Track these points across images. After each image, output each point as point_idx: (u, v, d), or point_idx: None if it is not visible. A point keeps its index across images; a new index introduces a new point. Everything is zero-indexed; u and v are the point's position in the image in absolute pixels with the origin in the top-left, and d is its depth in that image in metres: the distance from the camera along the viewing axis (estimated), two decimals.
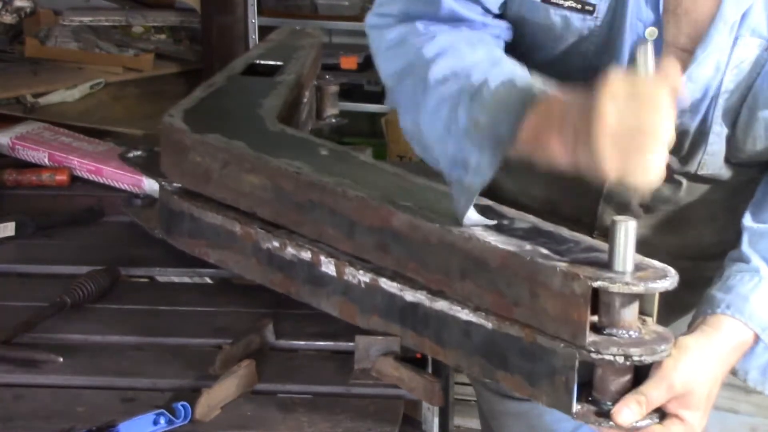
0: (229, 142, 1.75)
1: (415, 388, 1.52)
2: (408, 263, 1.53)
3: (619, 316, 1.35)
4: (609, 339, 1.34)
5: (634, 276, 1.33)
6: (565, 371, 1.37)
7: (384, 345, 1.56)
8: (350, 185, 1.60)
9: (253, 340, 1.63)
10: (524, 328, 1.41)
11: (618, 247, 1.33)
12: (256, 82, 2.12)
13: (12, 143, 2.41)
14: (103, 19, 4.87)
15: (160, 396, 1.52)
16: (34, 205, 2.18)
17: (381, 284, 1.57)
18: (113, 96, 4.41)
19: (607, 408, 1.36)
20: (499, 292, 1.43)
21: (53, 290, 1.77)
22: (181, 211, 1.83)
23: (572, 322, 1.35)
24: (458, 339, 1.49)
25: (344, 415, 1.48)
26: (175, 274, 1.93)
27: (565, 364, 1.36)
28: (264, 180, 1.69)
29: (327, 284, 1.64)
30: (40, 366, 1.59)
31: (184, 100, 1.96)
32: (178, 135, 1.81)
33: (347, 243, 1.61)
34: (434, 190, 1.60)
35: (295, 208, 1.66)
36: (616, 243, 1.33)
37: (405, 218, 1.52)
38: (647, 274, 1.34)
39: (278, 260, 1.69)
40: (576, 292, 1.33)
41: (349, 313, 1.63)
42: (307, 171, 1.65)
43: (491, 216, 1.50)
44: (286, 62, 2.27)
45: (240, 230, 1.73)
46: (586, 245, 1.43)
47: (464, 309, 1.48)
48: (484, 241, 1.43)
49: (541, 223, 1.50)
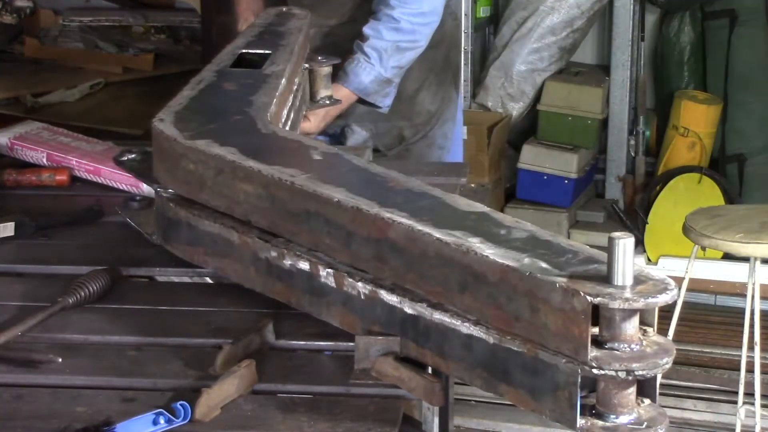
0: (221, 148, 1.73)
1: (415, 388, 1.52)
2: (406, 275, 1.52)
3: (620, 330, 1.34)
4: (611, 354, 1.33)
5: (634, 290, 1.32)
6: (568, 387, 1.36)
7: (384, 345, 1.56)
8: (345, 194, 1.58)
9: (253, 340, 1.62)
10: (525, 343, 1.40)
11: (617, 263, 1.33)
12: (245, 76, 2.09)
13: (11, 143, 2.41)
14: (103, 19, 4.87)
15: (160, 396, 1.51)
16: (34, 205, 2.18)
17: (381, 296, 1.56)
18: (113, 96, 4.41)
19: (613, 421, 1.36)
20: (498, 306, 1.41)
21: (53, 290, 1.77)
22: (177, 218, 1.81)
23: (573, 338, 1.34)
24: (460, 352, 1.48)
25: (344, 415, 1.48)
26: (175, 274, 1.92)
27: (568, 379, 1.35)
28: (258, 188, 1.67)
29: (327, 294, 1.63)
30: (39, 366, 1.59)
31: (173, 100, 1.93)
32: (168, 142, 1.79)
33: (344, 253, 1.59)
34: (430, 196, 1.59)
35: (291, 217, 1.64)
36: (615, 260, 1.33)
37: (402, 230, 1.50)
38: (647, 288, 1.33)
39: (277, 270, 1.68)
40: (576, 308, 1.32)
41: (349, 323, 1.62)
42: (300, 179, 1.63)
43: (487, 224, 1.50)
44: (274, 50, 2.24)
45: (237, 239, 1.72)
46: (585, 256, 1.41)
47: (465, 322, 1.46)
48: (482, 255, 1.42)
49: (539, 232, 1.49)
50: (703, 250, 3.56)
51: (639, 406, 1.38)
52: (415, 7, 2.75)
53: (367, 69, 2.77)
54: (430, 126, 3.04)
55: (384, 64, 2.76)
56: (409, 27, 2.75)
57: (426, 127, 3.03)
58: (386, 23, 2.75)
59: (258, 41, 2.32)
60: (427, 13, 2.78)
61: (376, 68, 2.77)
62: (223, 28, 4.30)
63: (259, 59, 2.19)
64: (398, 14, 2.75)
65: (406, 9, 2.75)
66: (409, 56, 2.80)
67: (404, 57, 2.79)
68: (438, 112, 3.04)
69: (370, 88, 2.79)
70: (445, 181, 2.28)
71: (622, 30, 5.12)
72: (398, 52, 2.77)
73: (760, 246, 3.40)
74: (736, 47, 5.04)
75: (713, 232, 3.45)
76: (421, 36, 2.80)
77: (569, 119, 5.07)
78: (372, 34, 2.76)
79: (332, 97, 2.65)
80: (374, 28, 2.77)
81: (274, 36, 2.36)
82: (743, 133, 5.07)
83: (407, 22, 2.75)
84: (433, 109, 3.04)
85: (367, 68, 2.77)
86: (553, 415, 1.39)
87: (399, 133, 3.00)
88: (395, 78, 2.82)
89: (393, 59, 2.77)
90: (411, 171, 2.10)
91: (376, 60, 2.76)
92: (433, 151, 3.04)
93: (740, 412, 3.60)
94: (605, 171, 5.30)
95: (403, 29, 2.75)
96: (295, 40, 2.34)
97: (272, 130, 1.84)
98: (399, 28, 2.75)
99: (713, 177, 4.96)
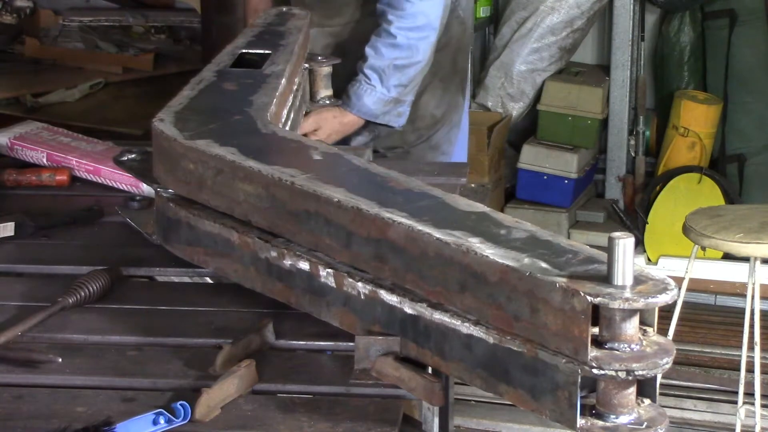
0: (221, 148, 1.73)
1: (415, 388, 1.52)
2: (406, 275, 1.52)
3: (620, 330, 1.34)
4: (611, 354, 1.34)
5: (634, 291, 1.32)
6: (568, 387, 1.36)
7: (384, 345, 1.56)
8: (345, 194, 1.58)
9: (253, 340, 1.62)
10: (525, 343, 1.40)
11: (617, 263, 1.33)
12: (245, 76, 2.09)
13: (11, 143, 2.41)
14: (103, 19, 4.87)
15: (160, 396, 1.51)
16: (34, 205, 2.18)
17: (380, 296, 1.56)
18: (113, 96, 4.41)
19: (612, 421, 1.36)
20: (498, 306, 1.41)
21: (53, 290, 1.77)
22: (177, 218, 1.81)
23: (573, 338, 1.34)
24: (460, 352, 1.48)
25: (344, 415, 1.48)
26: (175, 274, 1.92)
27: (568, 379, 1.35)
28: (258, 188, 1.67)
29: (326, 294, 1.63)
30: (39, 366, 1.59)
31: (173, 100, 1.93)
32: (168, 142, 1.79)
33: (344, 253, 1.59)
34: (430, 196, 1.59)
35: (291, 217, 1.64)
36: (615, 260, 1.33)
37: (401, 230, 1.50)
38: (647, 288, 1.33)
39: (277, 270, 1.68)
40: (576, 308, 1.32)
41: (349, 323, 1.62)
42: (300, 179, 1.63)
43: (487, 224, 1.50)
44: (274, 50, 2.24)
45: (237, 239, 1.72)
46: (585, 256, 1.41)
47: (465, 322, 1.46)
48: (482, 255, 1.42)
49: (539, 232, 1.49)
50: (703, 250, 3.56)
51: (639, 406, 1.38)
52: (409, 22, 2.73)
53: (368, 91, 2.74)
54: (434, 130, 3.01)
55: (386, 84, 2.74)
56: (405, 42, 2.73)
57: (429, 131, 3.01)
58: (384, 39, 2.73)
59: (258, 41, 2.32)
60: (422, 26, 2.75)
61: (377, 89, 2.74)
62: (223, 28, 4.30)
63: (259, 59, 2.19)
64: (395, 29, 2.72)
65: (402, 23, 2.72)
66: (410, 73, 2.76)
67: (405, 74, 2.76)
68: (444, 117, 3.02)
69: (376, 109, 2.76)
70: (445, 181, 2.28)
71: (622, 30, 5.12)
72: (397, 70, 2.74)
73: (760, 246, 3.40)
74: (736, 47, 5.04)
75: (713, 232, 3.45)
76: (418, 51, 2.75)
77: (569, 119, 5.07)
78: (371, 53, 2.74)
79: (332, 97, 2.65)
80: (373, 46, 2.74)
81: (274, 36, 2.36)
82: (743, 133, 5.07)
83: (404, 38, 2.73)
84: (439, 114, 3.01)
85: (369, 90, 2.74)
86: (553, 415, 1.39)
87: (401, 137, 2.97)
88: (404, 96, 2.79)
89: (393, 78, 2.74)
90: (411, 171, 2.11)
91: (376, 81, 2.73)
92: (437, 156, 3.02)
93: (740, 412, 3.60)
94: (605, 171, 5.30)
95: (400, 45, 2.73)
96: (295, 40, 2.34)
97: (272, 130, 1.84)
98: (396, 44, 2.73)
99: (713, 177, 4.96)
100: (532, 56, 5.09)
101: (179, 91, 1.98)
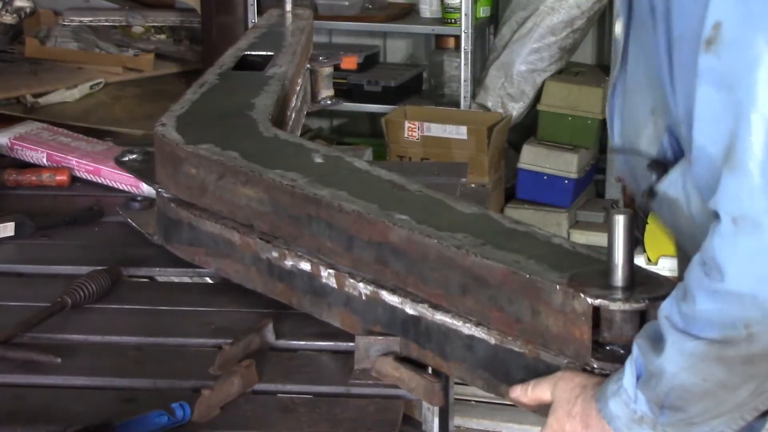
0: (223, 153, 1.73)
1: (415, 388, 1.52)
2: (407, 278, 1.52)
3: (621, 331, 1.34)
4: (612, 355, 1.34)
5: (635, 291, 1.32)
6: None
7: (384, 345, 1.56)
8: (346, 198, 1.58)
9: (253, 340, 1.62)
10: (527, 344, 1.40)
11: (616, 241, 1.32)
12: (247, 79, 2.09)
13: (11, 143, 2.41)
14: (103, 19, 4.87)
15: (160, 396, 1.52)
16: (34, 205, 2.18)
17: (382, 297, 1.56)
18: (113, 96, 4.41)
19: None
20: (500, 308, 1.42)
21: (53, 290, 1.77)
22: (179, 219, 1.82)
23: (575, 340, 1.34)
24: (461, 353, 1.48)
25: (344, 415, 1.48)
26: (175, 274, 1.92)
27: None
28: (260, 193, 1.67)
29: (328, 295, 1.63)
30: (39, 366, 1.59)
31: (176, 104, 1.93)
32: (171, 147, 1.79)
33: (346, 256, 1.59)
34: (431, 198, 1.59)
35: (293, 222, 1.64)
36: (614, 237, 1.32)
37: (402, 233, 1.50)
38: (648, 288, 1.33)
39: (278, 270, 1.68)
40: (577, 310, 1.33)
41: (351, 324, 1.62)
42: (302, 183, 1.63)
43: (488, 226, 1.49)
44: (276, 51, 2.24)
45: (239, 240, 1.72)
46: (585, 257, 1.42)
47: (466, 323, 1.47)
48: (483, 257, 1.42)
49: (539, 233, 1.49)
50: None
51: None
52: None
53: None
54: None
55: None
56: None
57: None
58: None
59: (261, 42, 2.33)
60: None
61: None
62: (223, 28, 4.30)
63: (262, 61, 2.20)
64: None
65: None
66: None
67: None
68: None
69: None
70: (445, 181, 2.27)
71: None
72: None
73: None
74: None
75: None
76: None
77: (569, 119, 5.06)
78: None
79: (333, 97, 2.64)
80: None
81: (277, 37, 2.36)
82: None
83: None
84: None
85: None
86: None
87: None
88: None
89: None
90: (411, 171, 2.11)
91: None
92: None
93: None
94: (605, 171, 5.30)
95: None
96: (297, 41, 2.34)
97: (274, 134, 1.84)
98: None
99: None
100: (532, 56, 5.09)
101: (179, 91, 1.98)
